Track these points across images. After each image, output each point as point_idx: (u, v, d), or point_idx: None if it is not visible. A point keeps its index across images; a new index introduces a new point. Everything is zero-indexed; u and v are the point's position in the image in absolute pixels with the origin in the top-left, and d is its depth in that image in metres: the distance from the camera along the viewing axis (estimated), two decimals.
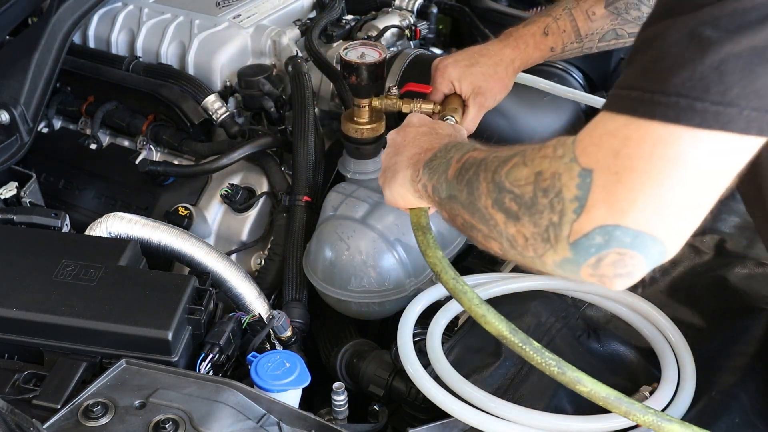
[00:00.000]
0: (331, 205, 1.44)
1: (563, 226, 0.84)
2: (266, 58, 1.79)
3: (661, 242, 0.81)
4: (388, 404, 1.29)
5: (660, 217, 0.79)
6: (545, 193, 0.86)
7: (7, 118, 1.59)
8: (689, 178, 0.78)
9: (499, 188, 0.92)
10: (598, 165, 0.81)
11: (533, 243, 0.88)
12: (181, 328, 1.12)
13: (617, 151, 0.80)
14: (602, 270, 0.84)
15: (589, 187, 0.81)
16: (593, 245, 0.82)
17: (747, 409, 1.17)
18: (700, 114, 0.76)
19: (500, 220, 0.92)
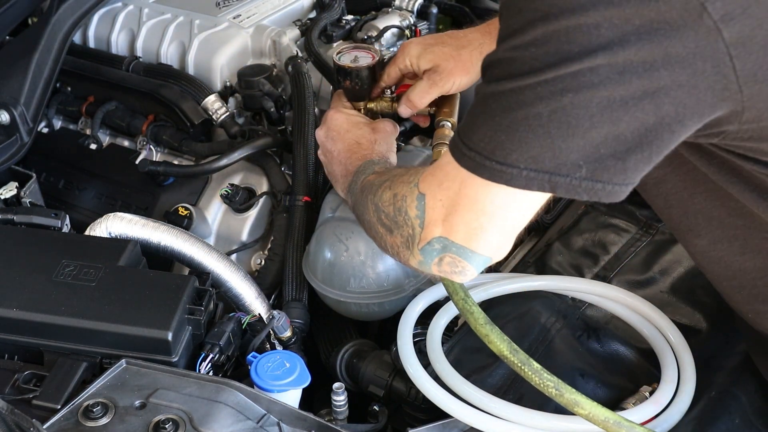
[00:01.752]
0: (330, 207, 1.44)
1: (415, 238, 1.07)
2: (266, 58, 1.79)
3: (480, 254, 1.03)
4: (388, 404, 1.29)
5: (473, 238, 1.01)
6: (399, 211, 1.09)
7: (7, 118, 1.59)
8: (490, 213, 0.97)
9: (377, 209, 1.14)
10: (428, 191, 1.04)
11: (402, 250, 1.11)
12: (181, 329, 1.12)
13: (440, 182, 1.02)
14: (444, 267, 1.06)
15: (424, 208, 1.04)
16: (434, 250, 1.05)
17: (747, 409, 1.17)
18: (488, 170, 0.93)
19: (383, 233, 1.14)
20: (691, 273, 1.39)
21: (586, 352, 1.26)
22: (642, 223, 1.51)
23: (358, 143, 1.38)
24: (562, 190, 0.91)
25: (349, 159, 1.35)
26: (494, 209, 0.97)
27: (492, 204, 0.97)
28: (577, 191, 0.91)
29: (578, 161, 0.89)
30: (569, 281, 1.36)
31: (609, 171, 0.90)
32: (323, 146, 1.43)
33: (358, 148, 1.37)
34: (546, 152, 0.89)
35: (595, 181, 0.90)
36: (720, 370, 1.21)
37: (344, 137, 1.39)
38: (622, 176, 0.91)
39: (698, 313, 1.33)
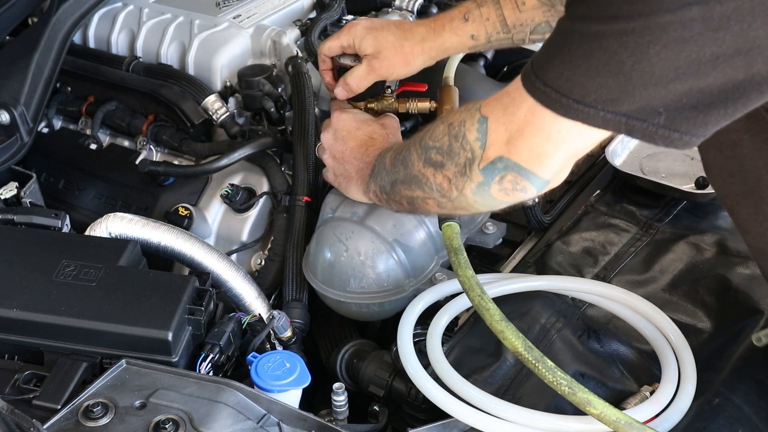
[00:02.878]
0: (330, 207, 1.44)
1: (475, 160, 1.08)
2: (266, 58, 1.79)
3: (541, 178, 1.05)
4: (388, 404, 1.29)
5: (535, 161, 1.03)
6: (456, 138, 1.10)
7: (7, 118, 1.59)
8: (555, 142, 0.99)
9: (425, 148, 1.15)
10: (492, 115, 1.05)
11: (455, 181, 1.11)
12: (181, 329, 1.12)
13: (506, 107, 1.03)
14: (505, 185, 1.07)
15: (486, 131, 1.06)
16: (496, 168, 1.06)
17: (747, 409, 1.17)
18: (564, 107, 0.94)
19: (430, 174, 1.15)
20: (693, 271, 1.39)
21: (586, 352, 1.26)
22: (642, 224, 1.51)
23: (371, 138, 1.38)
24: (638, 134, 0.91)
25: (365, 153, 1.35)
26: (560, 139, 0.98)
27: (558, 134, 0.98)
28: (652, 137, 0.91)
29: (658, 108, 0.88)
30: (569, 281, 1.36)
31: (688, 122, 0.89)
32: (332, 148, 1.41)
33: (372, 142, 1.37)
34: (626, 97, 0.89)
35: (673, 130, 0.90)
36: (720, 370, 1.21)
37: (355, 135, 1.39)
38: (701, 129, 0.90)
39: (699, 311, 1.33)
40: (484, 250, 1.54)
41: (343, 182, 1.40)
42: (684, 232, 1.48)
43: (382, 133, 1.38)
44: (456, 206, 1.15)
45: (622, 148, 1.66)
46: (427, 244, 1.41)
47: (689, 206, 1.54)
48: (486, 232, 1.53)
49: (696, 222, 1.51)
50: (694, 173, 1.59)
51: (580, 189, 1.69)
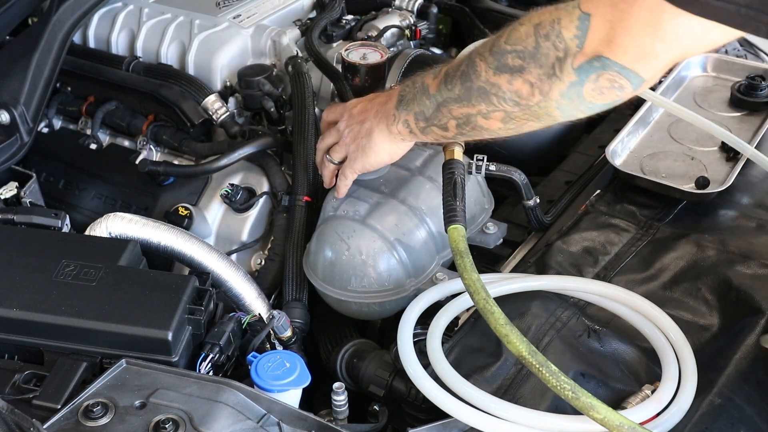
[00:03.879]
0: (331, 206, 1.44)
1: (568, 58, 1.02)
2: (266, 58, 1.79)
3: (641, 77, 1.00)
4: (388, 404, 1.29)
5: (641, 62, 0.98)
6: (546, 37, 1.04)
7: (7, 118, 1.59)
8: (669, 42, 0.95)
9: (500, 54, 1.09)
10: (597, 11, 0.99)
11: (539, 84, 1.06)
12: (181, 328, 1.12)
13: (615, 3, 0.97)
14: (601, 83, 1.03)
15: (587, 29, 1.00)
16: (593, 67, 1.01)
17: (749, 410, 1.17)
18: (701, 5, 0.88)
19: (504, 82, 1.09)
20: (693, 270, 1.39)
21: (586, 352, 1.26)
22: (642, 223, 1.51)
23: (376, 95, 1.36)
24: None
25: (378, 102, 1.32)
26: (677, 38, 0.94)
27: (675, 34, 0.94)
28: None
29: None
30: (569, 281, 1.35)
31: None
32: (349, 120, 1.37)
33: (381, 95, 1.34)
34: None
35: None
36: (721, 370, 1.21)
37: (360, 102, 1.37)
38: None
39: (700, 308, 1.33)
40: (485, 250, 1.54)
41: (366, 143, 1.34)
42: (684, 232, 1.48)
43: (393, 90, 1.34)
44: (530, 114, 1.10)
45: (622, 148, 1.66)
46: (428, 243, 1.41)
47: (689, 206, 1.54)
48: (486, 232, 1.52)
49: (696, 222, 1.51)
50: (694, 173, 1.59)
51: (580, 189, 1.69)
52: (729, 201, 1.54)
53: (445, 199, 1.26)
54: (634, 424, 1.02)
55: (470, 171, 1.42)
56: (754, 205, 1.54)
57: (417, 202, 1.43)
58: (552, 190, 1.75)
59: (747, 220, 1.49)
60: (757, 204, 1.54)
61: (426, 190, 1.45)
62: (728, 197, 1.54)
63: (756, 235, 1.45)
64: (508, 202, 1.76)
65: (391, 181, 1.46)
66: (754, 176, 1.59)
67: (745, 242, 1.43)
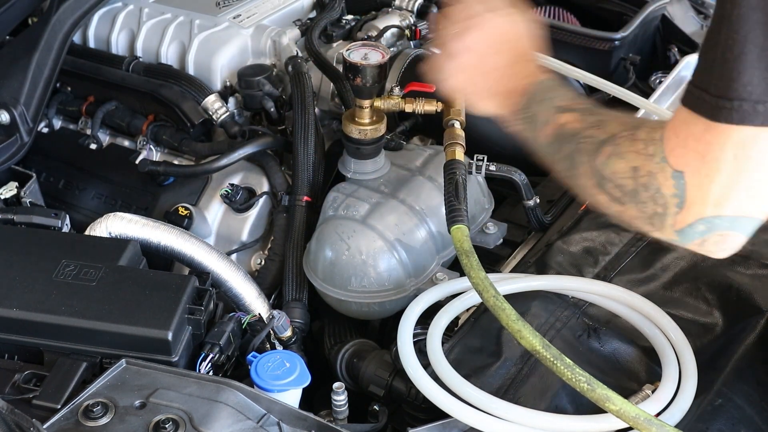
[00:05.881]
0: (332, 205, 1.44)
1: (667, 218, 0.93)
2: (266, 58, 1.79)
3: (754, 218, 0.92)
4: (388, 404, 1.29)
5: (751, 201, 0.89)
6: (646, 188, 0.94)
7: (7, 118, 1.59)
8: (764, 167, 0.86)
9: (600, 176, 0.99)
10: (688, 168, 0.89)
11: (639, 223, 0.98)
12: (181, 328, 1.11)
13: (703, 155, 0.87)
14: (707, 248, 0.94)
15: (684, 187, 0.90)
16: (697, 232, 0.92)
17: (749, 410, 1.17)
18: (762, 115, 0.82)
19: (603, 201, 1.01)
20: (693, 270, 1.39)
21: (587, 352, 1.26)
22: None
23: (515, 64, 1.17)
24: None
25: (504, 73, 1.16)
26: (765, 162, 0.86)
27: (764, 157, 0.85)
28: None
29: None
30: (569, 281, 1.35)
31: None
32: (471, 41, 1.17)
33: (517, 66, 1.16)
34: None
35: None
36: (721, 370, 1.21)
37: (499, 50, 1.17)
38: None
39: (701, 308, 1.33)
40: (485, 250, 1.54)
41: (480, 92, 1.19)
42: None
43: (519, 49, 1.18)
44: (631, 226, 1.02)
45: None
46: (429, 243, 1.41)
47: None
48: (486, 232, 1.53)
49: None
50: None
51: None
52: None
53: (447, 200, 1.26)
54: (650, 415, 1.01)
55: (470, 171, 1.42)
56: None
57: (417, 202, 1.43)
58: (552, 190, 1.75)
59: None
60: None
61: (426, 190, 1.45)
62: None
63: (756, 235, 1.44)
64: (508, 202, 1.76)
65: (391, 181, 1.46)
66: None
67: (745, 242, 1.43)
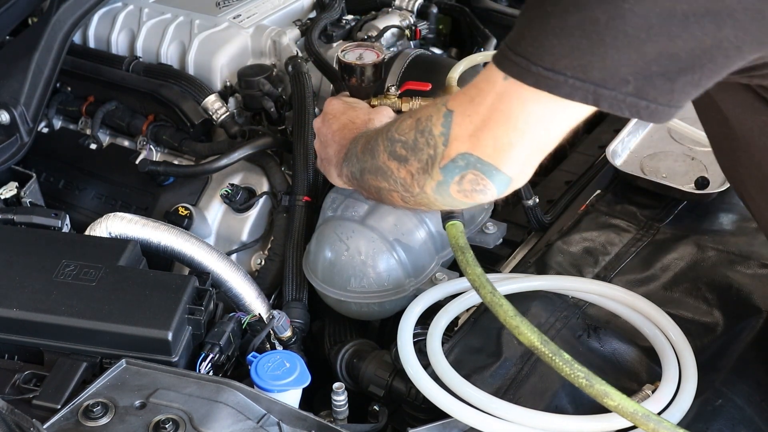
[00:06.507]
0: (331, 206, 1.44)
1: (437, 157, 1.04)
2: (266, 58, 1.79)
3: (504, 174, 1.01)
4: (388, 404, 1.29)
5: (500, 154, 0.99)
6: (422, 134, 1.06)
7: (7, 118, 1.59)
8: (524, 127, 0.96)
9: (392, 141, 1.12)
10: (458, 108, 1.01)
11: (418, 177, 1.08)
12: (181, 328, 1.12)
13: (472, 98, 1.00)
14: (464, 186, 1.03)
15: (450, 125, 1.02)
16: (457, 167, 1.02)
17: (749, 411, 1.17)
18: (533, 76, 0.91)
19: (394, 168, 1.12)
20: (694, 270, 1.39)
21: (587, 352, 1.25)
22: (642, 224, 1.51)
23: (352, 122, 1.36)
24: (606, 104, 0.90)
25: (342, 136, 1.33)
26: (527, 125, 0.96)
27: (526, 118, 0.95)
28: (620, 107, 0.90)
29: (627, 76, 0.88)
30: (569, 281, 1.35)
31: (656, 90, 0.89)
32: (319, 133, 1.40)
33: (352, 126, 1.34)
34: (596, 62, 0.88)
35: (641, 99, 0.90)
36: (721, 370, 1.21)
37: (339, 118, 1.37)
38: (668, 97, 0.90)
39: (701, 308, 1.33)
40: (485, 250, 1.54)
41: (326, 166, 1.38)
42: (685, 233, 1.48)
43: (364, 119, 1.36)
44: (418, 202, 1.13)
45: (622, 148, 1.66)
46: (428, 243, 1.41)
47: (690, 206, 1.54)
48: (486, 232, 1.53)
49: (697, 222, 1.51)
50: (695, 173, 1.59)
51: (580, 189, 1.69)
52: (729, 201, 1.54)
53: None
54: (648, 411, 1.01)
55: None
56: None
57: None
58: (552, 190, 1.75)
59: (747, 221, 1.49)
60: None
61: None
62: (728, 198, 1.54)
63: (756, 235, 1.45)
64: (508, 202, 1.76)
65: None
66: None
67: (745, 242, 1.43)
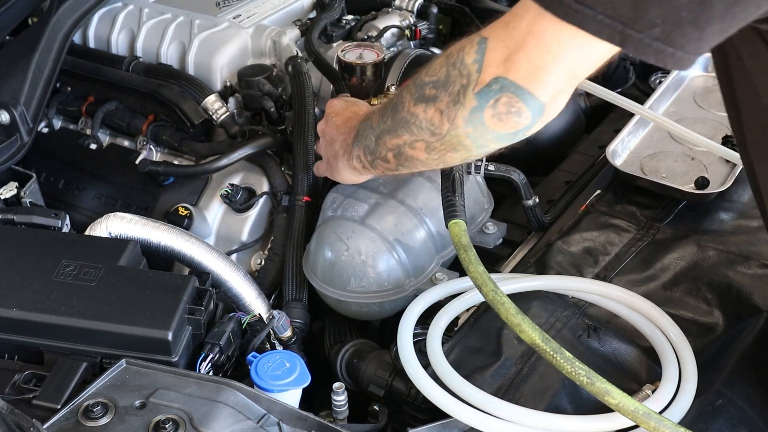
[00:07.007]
0: (331, 206, 1.44)
1: (470, 84, 1.04)
2: (266, 58, 1.79)
3: (537, 99, 1.01)
4: (388, 404, 1.29)
5: (533, 77, 0.99)
6: (454, 66, 1.06)
7: (7, 118, 1.59)
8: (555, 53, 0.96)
9: (420, 85, 1.11)
10: (492, 34, 1.02)
11: (447, 112, 1.07)
12: (181, 328, 1.12)
13: (507, 23, 1.00)
14: (499, 108, 1.02)
15: (484, 51, 1.02)
16: (491, 90, 1.02)
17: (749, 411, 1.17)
18: (564, 7, 0.91)
19: (420, 112, 1.11)
20: (694, 270, 1.39)
21: (587, 352, 1.25)
22: (643, 224, 1.51)
23: (356, 114, 1.37)
24: (631, 46, 0.89)
25: (349, 126, 1.33)
26: (559, 50, 0.95)
27: (558, 44, 0.95)
28: (645, 51, 0.89)
29: (656, 19, 0.87)
30: (569, 281, 1.35)
31: (684, 37, 0.88)
32: (324, 134, 1.41)
33: (356, 117, 1.35)
34: (627, 1, 0.88)
35: (667, 45, 0.89)
36: (721, 370, 1.21)
37: (342, 114, 1.38)
38: (695, 45, 0.89)
39: (701, 307, 1.33)
40: (485, 250, 1.54)
41: (333, 163, 1.38)
42: (685, 233, 1.48)
43: (368, 108, 1.37)
44: (446, 144, 1.11)
45: (622, 148, 1.66)
46: (428, 243, 1.41)
47: (690, 206, 1.54)
48: (486, 232, 1.53)
49: (697, 222, 1.51)
50: (695, 173, 1.59)
51: (580, 189, 1.69)
52: (729, 201, 1.54)
53: (444, 195, 1.26)
54: (649, 409, 1.02)
55: (469, 171, 1.42)
56: (754, 205, 1.54)
57: (416, 202, 1.43)
58: (552, 190, 1.75)
59: (747, 221, 1.49)
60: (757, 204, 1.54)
61: (425, 190, 1.45)
62: (728, 197, 1.54)
63: (756, 235, 1.45)
64: (508, 202, 1.76)
65: (390, 181, 1.46)
66: None
67: (745, 242, 1.43)
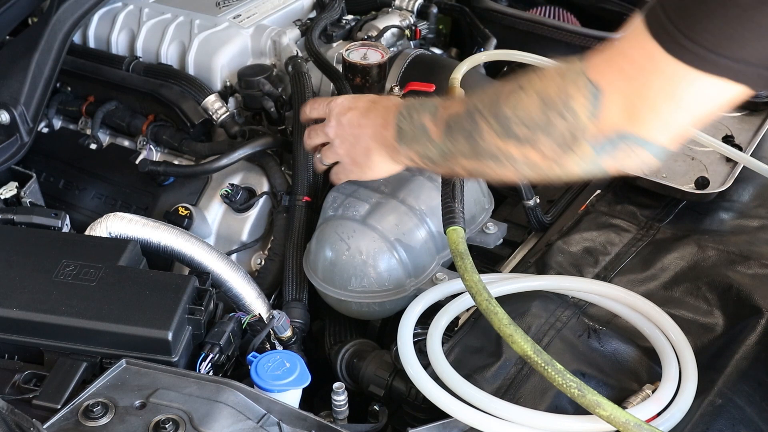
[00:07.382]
0: (331, 206, 1.44)
1: (583, 134, 0.99)
2: (266, 58, 1.79)
3: (662, 146, 0.98)
4: (388, 404, 1.29)
5: (663, 132, 0.96)
6: (558, 113, 1.00)
7: (7, 118, 1.59)
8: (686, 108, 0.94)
9: (504, 120, 1.05)
10: (610, 84, 0.96)
11: (555, 158, 1.03)
12: (181, 328, 1.11)
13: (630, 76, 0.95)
14: (618, 157, 1.00)
15: (599, 100, 0.96)
16: (611, 142, 0.99)
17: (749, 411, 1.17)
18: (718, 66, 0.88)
19: (514, 150, 1.06)
20: (694, 270, 1.39)
21: (587, 351, 1.26)
22: (643, 224, 1.51)
23: (372, 102, 1.31)
24: None
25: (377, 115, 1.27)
26: (694, 104, 0.93)
27: (694, 99, 0.93)
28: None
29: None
30: (569, 281, 1.35)
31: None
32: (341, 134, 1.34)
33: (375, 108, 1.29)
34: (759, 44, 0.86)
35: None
36: (721, 370, 1.21)
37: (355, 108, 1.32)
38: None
39: (701, 307, 1.33)
40: (485, 250, 1.54)
41: (363, 161, 1.32)
42: (685, 232, 1.48)
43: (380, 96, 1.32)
44: (547, 176, 1.08)
45: None
46: (428, 243, 1.41)
47: (690, 206, 1.54)
48: (486, 232, 1.53)
49: (697, 222, 1.51)
50: (695, 173, 1.59)
51: (580, 189, 1.69)
52: (729, 201, 1.54)
53: (444, 201, 1.26)
54: (640, 421, 1.02)
55: None
56: (754, 205, 1.54)
57: (417, 202, 1.43)
58: (552, 190, 1.75)
59: (747, 220, 1.49)
60: (757, 204, 1.54)
61: (426, 190, 1.45)
62: (728, 197, 1.54)
63: (756, 235, 1.45)
64: (508, 202, 1.76)
65: (391, 181, 1.46)
66: (754, 176, 1.60)
67: (745, 242, 1.43)
